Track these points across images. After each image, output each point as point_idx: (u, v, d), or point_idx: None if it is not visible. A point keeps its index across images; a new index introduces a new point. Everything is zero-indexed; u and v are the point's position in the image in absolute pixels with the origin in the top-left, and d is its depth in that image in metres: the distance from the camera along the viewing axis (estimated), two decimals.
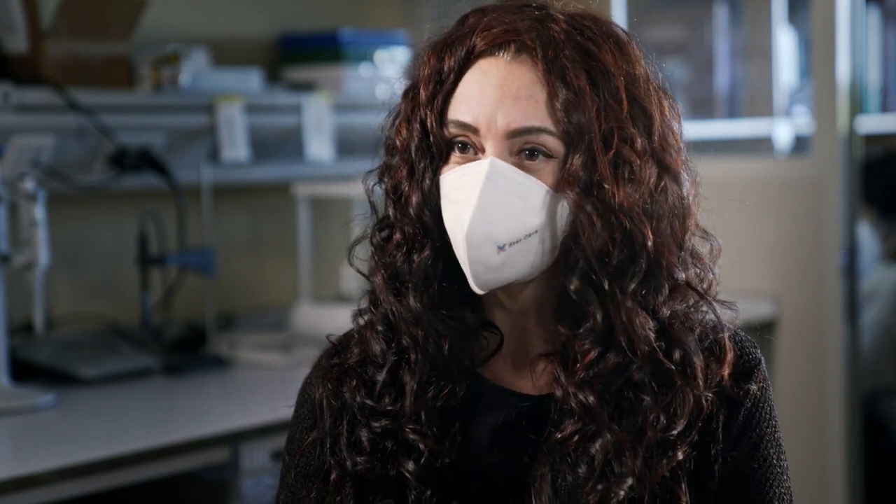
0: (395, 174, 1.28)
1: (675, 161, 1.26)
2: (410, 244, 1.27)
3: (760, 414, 1.30)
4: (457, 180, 1.24)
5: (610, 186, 1.21)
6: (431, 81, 1.26)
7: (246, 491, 2.28)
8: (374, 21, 3.46)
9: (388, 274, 1.28)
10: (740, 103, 4.01)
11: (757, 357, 1.32)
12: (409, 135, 1.27)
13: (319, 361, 1.37)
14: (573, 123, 1.21)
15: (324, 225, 3.21)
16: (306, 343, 2.81)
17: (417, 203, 1.26)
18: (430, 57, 1.28)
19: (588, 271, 1.22)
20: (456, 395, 1.27)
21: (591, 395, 1.22)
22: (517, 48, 1.24)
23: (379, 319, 1.30)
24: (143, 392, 2.55)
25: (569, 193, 1.21)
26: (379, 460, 1.28)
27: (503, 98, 1.22)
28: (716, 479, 1.27)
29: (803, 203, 3.30)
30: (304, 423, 1.36)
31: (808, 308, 3.31)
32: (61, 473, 2.00)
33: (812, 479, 3.29)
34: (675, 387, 1.23)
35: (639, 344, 1.22)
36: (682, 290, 1.26)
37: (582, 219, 1.21)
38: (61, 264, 2.75)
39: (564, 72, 1.22)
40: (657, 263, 1.23)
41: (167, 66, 2.80)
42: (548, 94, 1.22)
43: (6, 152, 2.35)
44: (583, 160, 1.21)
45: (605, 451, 1.22)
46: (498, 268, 1.22)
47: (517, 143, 1.23)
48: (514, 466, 1.27)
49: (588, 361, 1.22)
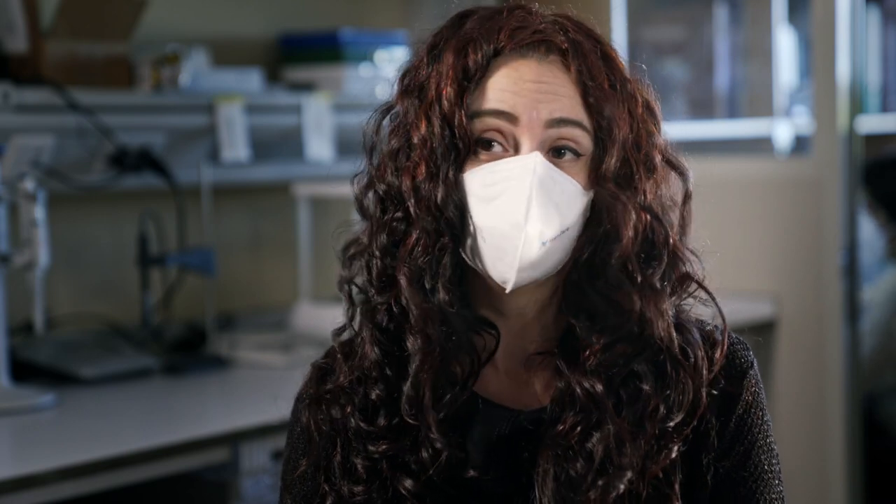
0: (414, 171, 1.26)
1: (681, 160, 1.30)
2: (433, 241, 1.24)
3: (752, 420, 1.30)
4: (492, 175, 1.23)
5: (640, 184, 1.25)
6: (455, 78, 1.25)
7: (246, 491, 2.28)
8: (374, 21, 3.46)
9: (412, 274, 1.25)
10: (740, 103, 4.01)
11: (749, 360, 1.32)
12: (428, 131, 1.25)
13: (307, 385, 1.35)
14: (605, 119, 1.24)
15: (324, 225, 3.20)
16: (306, 343, 2.81)
17: (442, 199, 1.24)
18: (446, 54, 1.27)
19: (626, 262, 1.24)
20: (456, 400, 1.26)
21: (599, 382, 1.23)
22: (547, 49, 1.25)
23: (377, 328, 1.28)
24: (143, 392, 2.55)
25: (606, 188, 1.24)
26: (377, 489, 1.27)
27: (541, 92, 1.24)
28: (708, 489, 1.27)
29: (803, 203, 3.30)
30: (298, 445, 1.36)
31: (808, 308, 3.31)
32: (61, 473, 2.00)
33: (812, 479, 3.29)
34: (676, 377, 1.24)
35: (659, 331, 1.24)
36: (687, 285, 1.29)
37: (620, 211, 1.23)
38: (61, 264, 2.75)
39: (593, 72, 1.25)
40: (674, 258, 1.27)
41: (167, 66, 2.80)
42: (581, 93, 1.24)
43: (6, 152, 2.35)
44: (616, 157, 1.24)
45: (606, 444, 1.22)
46: (537, 263, 1.22)
47: (552, 136, 1.23)
48: (511, 482, 1.27)
49: (597, 350, 1.23)
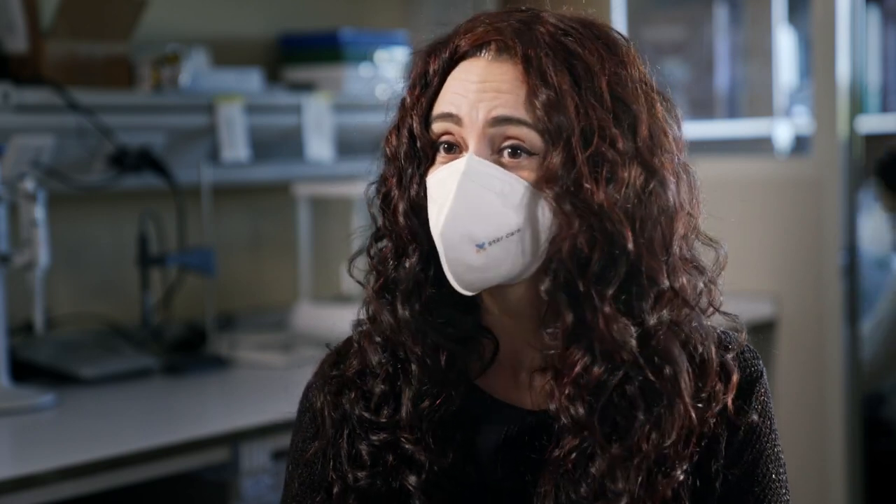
0: (387, 183, 1.28)
1: (664, 164, 1.22)
2: (400, 252, 1.26)
3: (761, 429, 1.28)
4: (437, 180, 1.23)
5: (589, 186, 1.18)
6: (417, 85, 1.27)
7: (246, 491, 2.28)
8: (374, 21, 3.46)
9: (380, 284, 1.27)
10: (740, 103, 4.01)
11: (759, 369, 1.30)
12: (397, 142, 1.27)
13: (321, 368, 1.36)
14: (552, 121, 1.19)
15: (324, 225, 3.21)
16: (306, 343, 2.81)
17: (404, 210, 1.25)
18: (416, 62, 1.28)
19: (561, 272, 1.19)
20: (453, 403, 1.26)
21: (581, 407, 1.20)
22: (498, 48, 1.23)
23: (376, 330, 1.29)
24: (143, 392, 2.55)
25: (547, 191, 1.19)
26: (380, 475, 1.27)
27: (484, 91, 1.22)
28: (716, 496, 1.26)
29: (803, 203, 3.30)
30: (307, 431, 1.35)
31: (808, 308, 3.31)
32: (61, 473, 2.00)
33: (812, 479, 3.29)
34: (661, 399, 1.20)
35: (618, 351, 1.19)
36: (670, 297, 1.22)
37: (560, 218, 1.19)
38: (61, 264, 2.75)
39: (544, 70, 1.21)
40: (638, 268, 1.20)
41: (167, 66, 2.80)
42: (527, 92, 1.21)
43: (6, 152, 2.35)
44: (561, 158, 1.19)
45: (601, 470, 1.20)
46: (481, 268, 1.20)
47: (498, 135, 1.21)
48: (518, 481, 1.26)
49: (575, 374, 1.20)
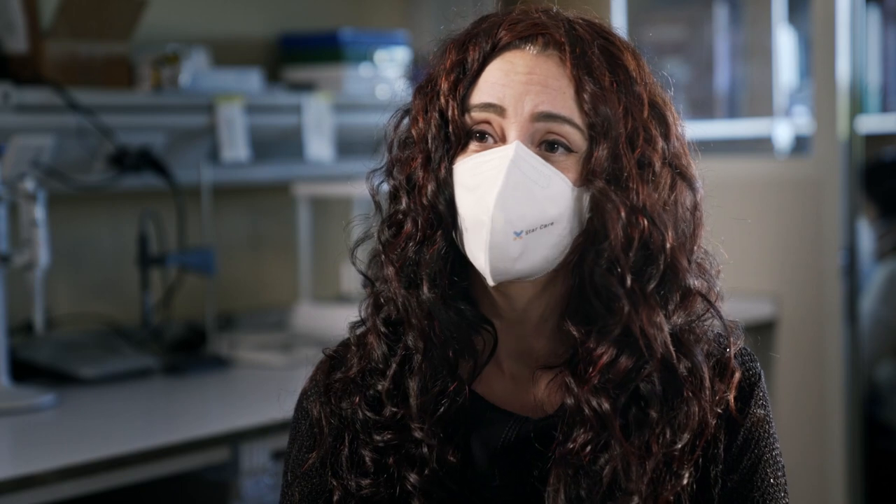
0: (410, 165, 1.26)
1: (689, 170, 1.26)
2: (423, 234, 1.25)
3: (760, 433, 1.29)
4: (476, 165, 1.22)
5: (634, 185, 1.21)
6: (453, 72, 1.26)
7: (246, 491, 2.28)
8: (374, 21, 3.46)
9: (400, 266, 1.25)
10: (740, 103, 4.01)
11: (757, 372, 1.31)
12: (426, 125, 1.26)
13: (315, 376, 1.35)
14: (600, 117, 1.21)
15: (324, 225, 3.21)
16: (306, 343, 2.81)
17: (432, 191, 1.24)
18: (450, 51, 1.27)
19: (614, 263, 1.20)
20: (459, 395, 1.26)
21: (606, 401, 1.20)
22: (545, 42, 1.24)
23: (382, 322, 1.29)
24: (143, 392, 2.55)
25: (595, 184, 1.21)
26: (384, 483, 1.27)
27: (531, 84, 1.22)
28: (715, 501, 1.26)
29: (803, 203, 3.30)
30: (305, 441, 1.34)
31: (808, 308, 3.31)
32: (61, 473, 2.00)
33: (812, 479, 3.29)
34: (681, 399, 1.22)
35: (656, 345, 1.20)
36: (692, 299, 1.25)
37: (609, 209, 1.20)
38: (61, 264, 2.75)
39: (592, 67, 1.22)
40: (673, 268, 1.22)
41: (167, 66, 2.79)
42: (575, 88, 1.22)
43: (6, 152, 2.35)
44: (608, 154, 1.21)
45: (614, 466, 1.20)
46: (515, 258, 1.20)
47: (541, 130, 1.22)
48: (515, 488, 1.26)
49: (602, 366, 1.21)
